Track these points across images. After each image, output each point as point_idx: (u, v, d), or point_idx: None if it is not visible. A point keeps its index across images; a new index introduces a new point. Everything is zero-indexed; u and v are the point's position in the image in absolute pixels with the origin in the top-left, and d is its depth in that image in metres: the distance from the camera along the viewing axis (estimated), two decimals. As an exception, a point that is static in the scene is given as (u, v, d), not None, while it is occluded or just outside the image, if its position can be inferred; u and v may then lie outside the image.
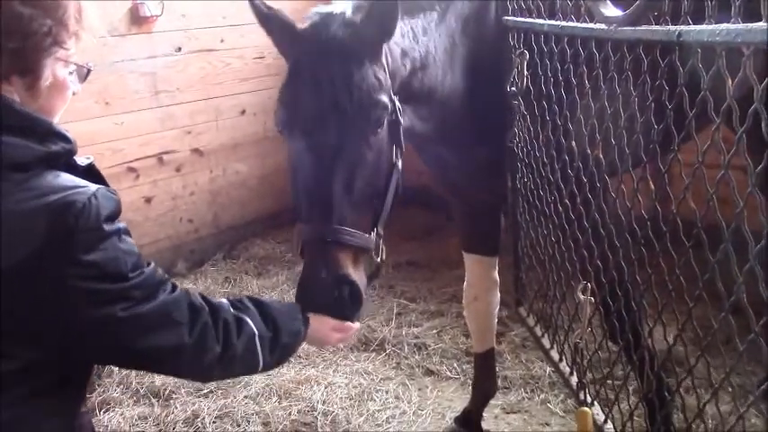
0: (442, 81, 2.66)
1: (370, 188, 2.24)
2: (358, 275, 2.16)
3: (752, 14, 1.24)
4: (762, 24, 1.14)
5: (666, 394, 2.02)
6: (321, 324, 2.04)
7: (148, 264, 1.70)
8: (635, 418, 2.10)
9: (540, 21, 2.40)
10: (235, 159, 6.42)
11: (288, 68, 2.31)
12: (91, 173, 1.73)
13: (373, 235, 2.25)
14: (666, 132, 1.70)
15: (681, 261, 1.68)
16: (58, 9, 1.60)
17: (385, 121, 2.25)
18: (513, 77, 2.63)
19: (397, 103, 2.33)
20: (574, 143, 2.24)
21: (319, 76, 2.19)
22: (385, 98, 2.24)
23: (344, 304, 2.08)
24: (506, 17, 2.71)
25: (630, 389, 2.30)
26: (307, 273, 2.13)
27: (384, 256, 2.32)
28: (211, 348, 1.73)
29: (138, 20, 5.58)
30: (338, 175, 2.15)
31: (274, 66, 5.96)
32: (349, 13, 2.28)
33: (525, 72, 2.53)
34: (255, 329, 1.81)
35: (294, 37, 2.32)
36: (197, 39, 5.97)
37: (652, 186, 1.84)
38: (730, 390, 1.96)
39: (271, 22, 2.36)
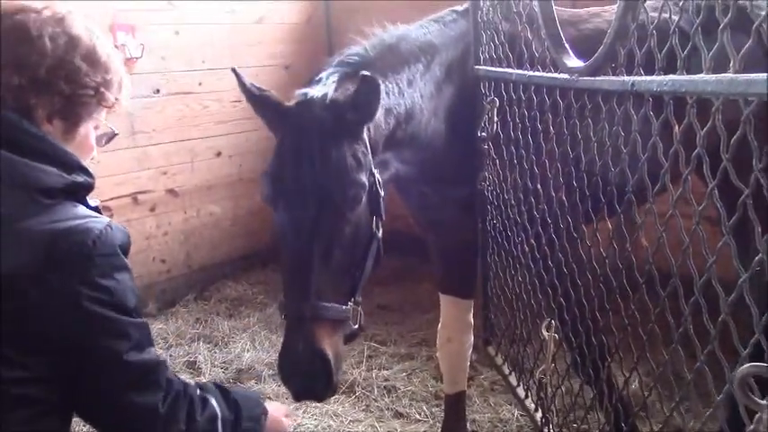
0: (425, 126, 2.78)
1: (348, 261, 2.36)
2: (333, 347, 2.27)
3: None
4: (703, 76, 1.25)
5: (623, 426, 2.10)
6: (278, 411, 2.17)
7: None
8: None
9: (509, 70, 2.52)
10: (209, 201, 6.47)
11: (275, 145, 2.43)
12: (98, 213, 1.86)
13: (351, 305, 2.39)
14: (640, 182, 1.77)
15: (635, 300, 1.76)
16: (108, 73, 1.79)
17: (363, 198, 2.37)
18: (484, 123, 2.74)
19: (378, 176, 2.44)
20: (539, 186, 2.35)
21: (300, 155, 2.31)
22: (363, 178, 2.35)
23: (317, 378, 2.22)
24: (478, 66, 2.83)
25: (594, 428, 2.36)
26: (285, 346, 2.27)
27: (362, 322, 2.46)
28: (178, 422, 1.77)
29: (118, 61, 5.66)
30: (316, 251, 2.26)
31: (251, 109, 6.06)
32: (332, 92, 2.39)
33: (495, 118, 2.65)
34: (219, 411, 1.87)
35: (280, 116, 2.43)
36: (175, 81, 6.07)
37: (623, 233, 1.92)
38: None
39: (259, 101, 2.49)
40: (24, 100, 1.69)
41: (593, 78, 1.81)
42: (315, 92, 2.40)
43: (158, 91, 5.99)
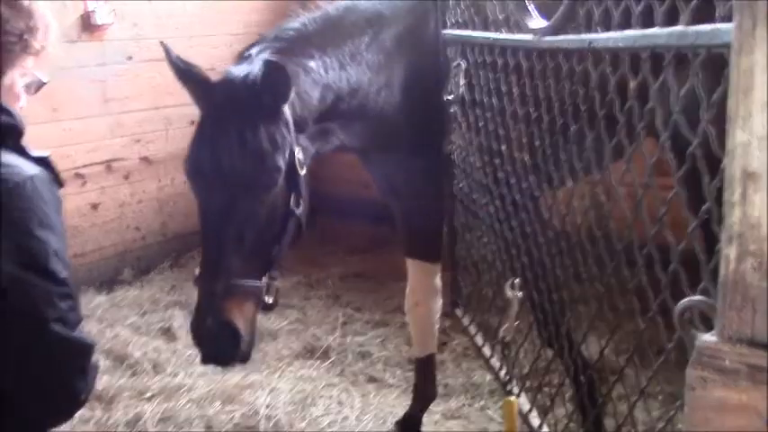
0: (375, 98, 2.82)
1: (262, 239, 2.43)
2: (243, 319, 2.37)
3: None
4: (655, 30, 1.27)
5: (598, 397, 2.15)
6: None
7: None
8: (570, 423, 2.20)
9: (474, 33, 2.53)
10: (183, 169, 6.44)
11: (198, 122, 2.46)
12: (45, 166, 1.74)
13: (265, 280, 2.45)
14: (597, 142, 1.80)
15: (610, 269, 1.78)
16: (32, 19, 1.71)
17: (279, 179, 2.40)
18: (450, 87, 2.75)
19: (299, 155, 2.47)
20: (503, 147, 2.38)
21: (217, 136, 2.35)
22: (278, 161, 2.38)
23: (224, 348, 2.35)
24: (444, 31, 2.83)
25: (566, 395, 2.41)
26: (195, 318, 2.39)
27: (277, 297, 2.53)
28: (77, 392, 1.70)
29: (89, 27, 5.59)
30: (229, 231, 2.33)
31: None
32: (255, 71, 2.40)
33: (461, 82, 2.66)
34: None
35: (204, 92, 2.47)
36: (148, 48, 6.00)
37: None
38: (660, 397, 2.07)
39: (185, 76, 2.51)
40: None
41: (554, 38, 1.83)
42: (237, 71, 2.42)
43: (131, 58, 5.93)
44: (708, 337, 0.97)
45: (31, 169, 1.62)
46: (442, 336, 4.98)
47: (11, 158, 1.61)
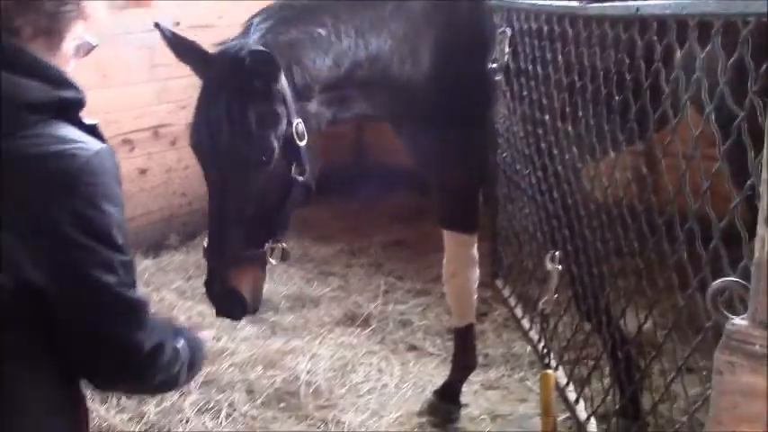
0: (399, 68, 2.81)
1: (263, 209, 2.49)
2: (248, 286, 2.52)
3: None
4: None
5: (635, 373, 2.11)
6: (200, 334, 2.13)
7: None
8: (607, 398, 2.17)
9: (520, 0, 2.48)
10: (229, 135, 6.48)
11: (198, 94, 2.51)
12: (94, 134, 1.76)
13: (269, 245, 2.54)
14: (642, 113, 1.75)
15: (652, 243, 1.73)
16: None
17: (274, 155, 2.43)
18: (495, 55, 2.71)
19: (299, 127, 2.49)
20: (546, 117, 2.33)
21: (212, 112, 2.40)
22: (271, 139, 2.41)
23: (232, 311, 2.58)
24: (490, -1, 2.78)
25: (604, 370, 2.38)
26: (206, 284, 2.57)
27: (287, 253, 2.64)
28: (160, 364, 1.72)
29: (138, -7, 5.64)
30: (228, 203, 2.43)
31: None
32: (252, 43, 2.43)
33: (506, 49, 2.62)
34: (185, 359, 1.82)
35: (203, 65, 2.51)
36: (196, 14, 6.02)
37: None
38: (704, 373, 2.03)
39: (181, 52, 2.57)
40: (10, 21, 1.65)
41: (601, 5, 1.77)
42: (231, 46, 2.44)
43: (178, 24, 5.94)
44: (738, 321, 0.93)
45: (96, 144, 1.66)
46: (483, 306, 4.98)
47: (76, 133, 1.65)
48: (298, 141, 2.49)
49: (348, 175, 7.45)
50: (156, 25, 2.57)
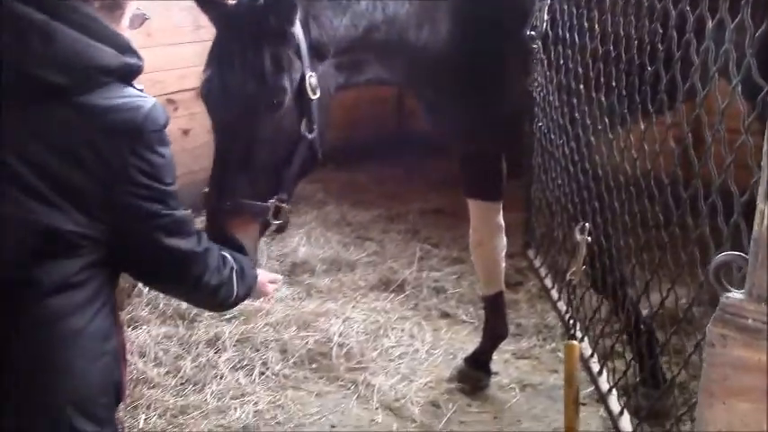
0: (416, 33, 2.80)
1: (268, 161, 2.46)
2: (247, 238, 2.42)
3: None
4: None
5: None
6: (262, 276, 2.32)
7: None
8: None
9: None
10: (271, 97, 6.50)
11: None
12: None
13: (272, 201, 2.47)
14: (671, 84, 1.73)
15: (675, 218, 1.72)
16: None
17: (285, 101, 2.42)
18: (534, 22, 2.67)
19: (311, 80, 2.47)
20: (581, 86, 2.30)
21: (223, 56, 2.42)
22: (283, 82, 2.40)
23: None
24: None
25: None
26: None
27: (287, 218, 2.57)
28: (210, 266, 1.99)
29: (184, -46, 5.66)
30: (234, 149, 2.42)
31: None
32: None
33: (545, 17, 2.58)
34: (234, 264, 2.08)
35: (217, 15, 2.52)
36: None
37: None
38: None
39: (204, 0, 2.58)
40: None
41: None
42: None
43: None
44: (734, 295, 0.93)
45: (150, 98, 1.84)
46: (517, 276, 4.99)
47: (134, 91, 1.85)
48: (310, 94, 2.48)
49: (388, 142, 7.45)
50: None
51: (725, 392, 0.92)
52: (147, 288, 4.62)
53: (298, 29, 2.44)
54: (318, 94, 2.50)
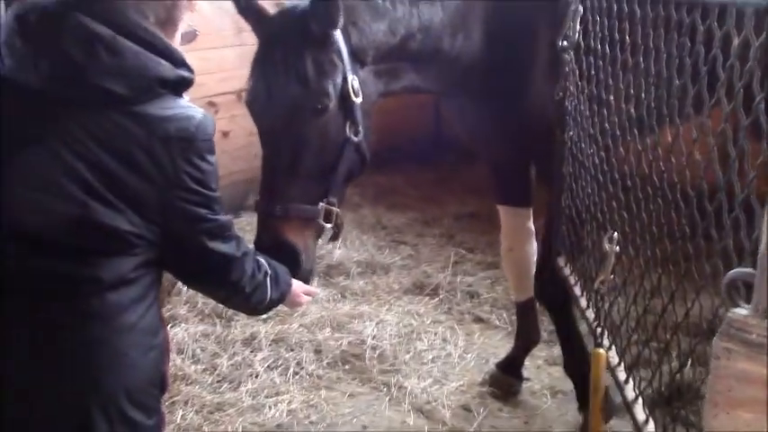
0: (450, 41, 2.83)
1: (316, 164, 2.51)
2: (302, 242, 2.47)
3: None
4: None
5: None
6: (296, 286, 2.38)
7: None
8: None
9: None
10: (311, 100, 6.57)
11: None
12: None
13: (323, 205, 2.51)
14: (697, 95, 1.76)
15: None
16: None
17: (330, 105, 2.47)
18: (566, 32, 2.69)
19: (354, 83, 2.51)
20: (611, 97, 2.32)
21: (267, 64, 2.47)
22: (327, 86, 2.46)
23: (285, 263, 2.36)
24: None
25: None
26: (256, 241, 2.49)
27: (340, 222, 2.61)
28: (246, 272, 2.09)
29: (226, -41, 5.76)
30: (282, 155, 2.48)
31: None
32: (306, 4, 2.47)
33: (578, 27, 2.60)
34: (268, 269, 2.17)
35: (260, 25, 2.59)
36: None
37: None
38: None
39: (245, 11, 2.66)
40: (141, 10, 1.91)
41: (667, -13, 1.76)
42: (291, 3, 2.52)
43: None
44: (739, 311, 0.96)
45: (200, 109, 1.95)
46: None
47: (186, 103, 1.96)
48: (353, 97, 2.53)
49: (425, 146, 7.49)
50: None
51: (729, 403, 0.95)
52: (187, 287, 4.76)
53: (338, 34, 2.50)
54: (361, 98, 2.55)
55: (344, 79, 2.51)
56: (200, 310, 4.72)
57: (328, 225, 2.57)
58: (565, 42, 2.70)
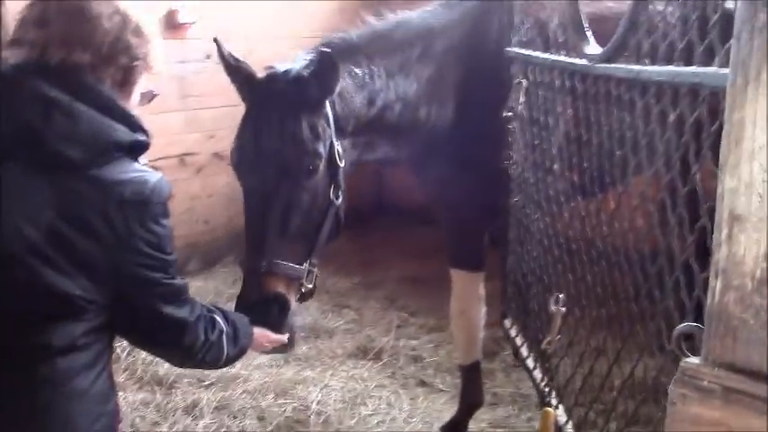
0: (427, 111, 2.93)
1: (303, 224, 2.57)
2: (287, 291, 2.49)
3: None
4: (693, 68, 1.34)
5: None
6: (260, 333, 2.39)
7: None
8: None
9: (536, 53, 2.61)
10: (254, 166, 6.59)
11: (243, 115, 2.64)
12: None
13: (306, 265, 2.57)
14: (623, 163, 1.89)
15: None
16: (150, 43, 2.02)
17: (320, 167, 2.55)
18: (511, 103, 2.83)
19: (338, 147, 2.61)
20: (555, 166, 2.45)
21: (261, 125, 2.53)
22: (319, 148, 2.54)
23: (274, 316, 2.43)
24: (508, 49, 2.91)
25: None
26: (241, 296, 2.51)
27: (316, 283, 2.65)
28: (200, 334, 2.08)
29: (173, 25, 5.84)
30: (272, 213, 2.51)
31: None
32: (297, 67, 2.58)
33: (521, 99, 2.74)
34: (224, 327, 2.16)
35: (249, 87, 2.65)
36: (227, 48, 6.20)
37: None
38: None
39: (234, 71, 2.72)
40: (97, 74, 1.93)
41: (607, 65, 1.90)
42: (282, 67, 2.59)
43: (209, 57, 6.13)
44: (692, 360, 1.05)
45: (155, 173, 1.95)
46: (493, 345, 5.04)
47: (141, 166, 1.96)
48: (338, 162, 2.61)
49: (368, 210, 7.57)
50: (215, 40, 2.73)
51: (685, 445, 1.03)
52: (125, 354, 4.66)
53: (327, 102, 2.58)
54: (344, 163, 2.63)
55: (331, 144, 2.59)
56: (139, 377, 4.61)
57: (309, 285, 2.61)
58: (510, 113, 2.83)
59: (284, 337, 2.50)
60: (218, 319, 2.17)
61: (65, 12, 1.93)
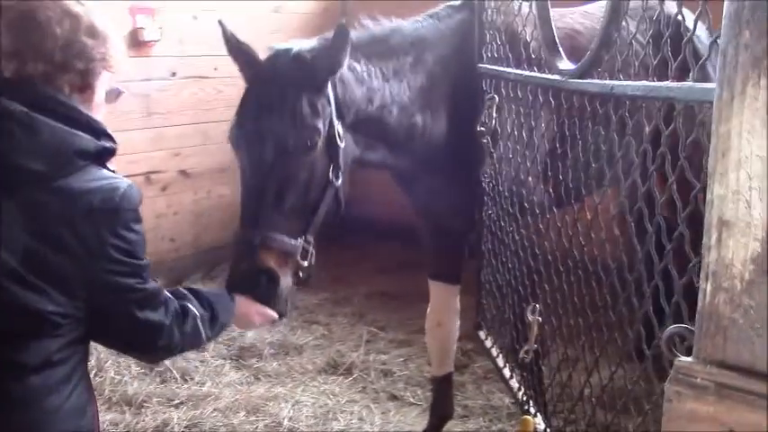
0: (422, 119, 2.96)
1: (300, 201, 2.57)
2: (279, 269, 2.46)
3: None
4: (668, 83, 1.40)
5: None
6: (247, 307, 2.39)
7: None
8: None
9: (508, 69, 2.67)
10: (220, 182, 6.57)
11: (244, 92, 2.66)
12: None
13: (301, 241, 2.55)
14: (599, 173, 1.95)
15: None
16: (107, 42, 2.00)
17: (319, 143, 2.56)
18: (484, 118, 2.89)
19: (339, 128, 2.63)
20: (530, 178, 2.50)
21: (261, 101, 2.55)
22: (318, 123, 2.55)
23: (262, 289, 2.41)
24: (480, 64, 2.97)
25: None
26: (231, 267, 2.51)
27: (313, 261, 2.63)
28: (174, 332, 2.08)
29: (137, 43, 5.82)
30: (269, 187, 2.51)
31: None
32: (302, 47, 2.62)
33: (494, 114, 2.79)
34: (197, 312, 2.16)
35: (251, 66, 2.68)
36: (192, 65, 6.21)
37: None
38: None
39: (236, 52, 2.76)
40: (53, 82, 1.91)
41: (580, 81, 1.96)
42: (284, 46, 2.64)
43: (174, 74, 6.14)
44: (684, 359, 1.11)
45: (124, 179, 1.95)
46: (463, 358, 5.09)
47: (109, 173, 1.95)
48: (338, 141, 2.61)
49: (333, 227, 7.57)
50: (219, 22, 2.76)
51: (681, 441, 1.09)
52: (92, 374, 4.59)
53: (330, 83, 2.60)
54: (344, 144, 2.64)
55: (331, 123, 2.59)
56: (107, 397, 4.55)
57: (304, 263, 2.58)
58: (482, 128, 2.89)
59: (274, 313, 2.47)
60: (190, 306, 2.15)
61: (11, 22, 1.90)
